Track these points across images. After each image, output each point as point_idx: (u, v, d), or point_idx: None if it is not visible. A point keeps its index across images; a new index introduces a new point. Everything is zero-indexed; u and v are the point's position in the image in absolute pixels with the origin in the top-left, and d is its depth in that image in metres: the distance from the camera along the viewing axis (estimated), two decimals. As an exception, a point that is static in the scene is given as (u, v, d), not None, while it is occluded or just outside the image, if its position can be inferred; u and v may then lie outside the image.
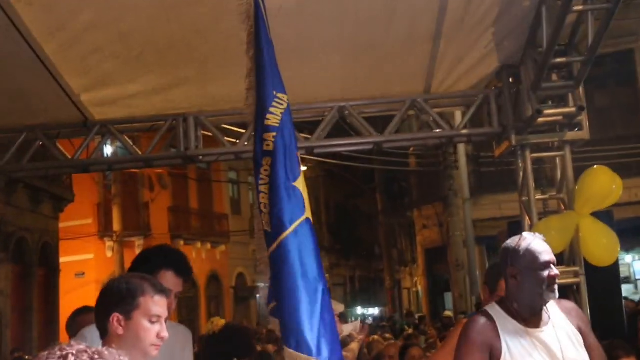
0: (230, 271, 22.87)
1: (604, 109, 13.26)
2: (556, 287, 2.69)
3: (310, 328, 2.74)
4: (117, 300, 2.24)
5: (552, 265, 2.67)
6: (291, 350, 2.73)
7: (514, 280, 2.70)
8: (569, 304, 2.91)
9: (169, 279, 2.83)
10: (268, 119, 3.03)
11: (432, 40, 4.77)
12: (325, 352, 2.74)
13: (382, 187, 23.78)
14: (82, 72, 4.92)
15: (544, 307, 2.71)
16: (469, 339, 2.66)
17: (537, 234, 2.78)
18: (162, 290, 2.32)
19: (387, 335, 9.78)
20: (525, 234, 2.83)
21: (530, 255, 2.67)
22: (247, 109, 3.21)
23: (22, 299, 12.31)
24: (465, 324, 2.73)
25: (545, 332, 2.69)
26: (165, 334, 2.27)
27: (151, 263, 2.87)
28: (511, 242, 2.78)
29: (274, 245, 2.87)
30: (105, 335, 2.26)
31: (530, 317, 2.68)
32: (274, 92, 3.07)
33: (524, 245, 2.71)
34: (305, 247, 2.87)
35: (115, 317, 2.21)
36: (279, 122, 3.04)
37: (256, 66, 3.14)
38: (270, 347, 7.82)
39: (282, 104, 3.08)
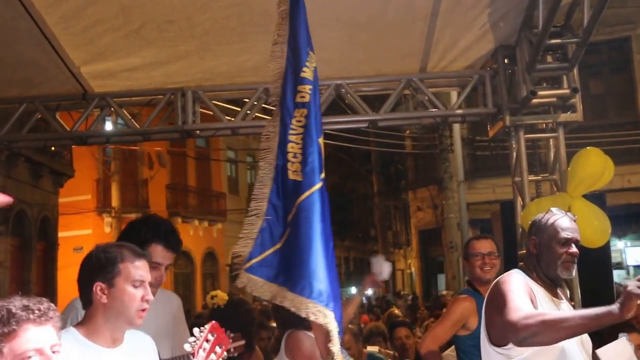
0: (227, 249, 23.04)
1: (598, 96, 13.38)
2: (573, 266, 2.69)
3: (328, 281, 2.77)
4: (97, 269, 2.25)
5: (572, 244, 2.67)
6: (303, 298, 2.73)
7: (534, 251, 2.73)
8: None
9: (159, 252, 2.88)
10: (304, 72, 3.05)
11: (429, 19, 4.81)
12: (335, 308, 2.76)
13: (378, 169, 23.90)
14: (82, 45, 4.96)
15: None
16: (517, 284, 2.56)
17: (568, 213, 2.78)
18: (141, 255, 2.32)
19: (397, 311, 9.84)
20: (554, 209, 2.82)
21: (553, 230, 2.69)
22: (273, 62, 3.16)
23: (21, 272, 12.44)
24: (504, 277, 2.66)
25: (564, 304, 2.75)
26: (150, 296, 2.27)
27: (140, 236, 2.88)
28: (540, 215, 2.81)
29: (306, 194, 2.88)
30: (89, 306, 2.27)
31: (548, 288, 2.71)
32: (307, 49, 3.10)
33: (549, 219, 2.73)
34: (325, 204, 2.93)
35: (98, 286, 2.23)
36: (312, 77, 3.07)
37: (291, 20, 3.13)
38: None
39: (312, 62, 3.11)
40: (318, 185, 2.91)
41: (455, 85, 5.79)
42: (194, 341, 2.26)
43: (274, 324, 7.50)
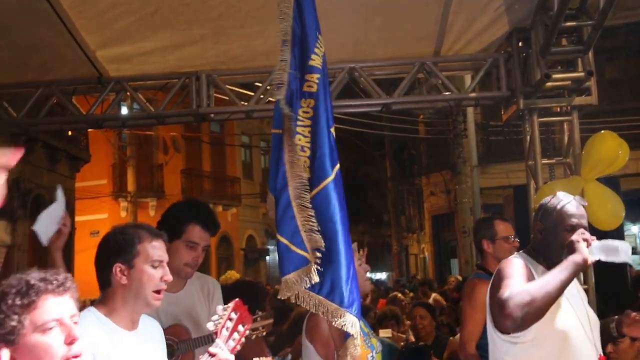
0: (241, 233, 23.24)
1: (614, 81, 13.27)
2: None
3: (346, 279, 2.68)
4: (116, 251, 2.25)
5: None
6: (321, 297, 2.66)
7: (539, 236, 2.67)
8: None
9: (196, 232, 2.96)
10: (313, 60, 2.88)
11: (443, 2, 4.79)
12: (355, 306, 2.69)
13: (392, 154, 23.89)
14: (98, 29, 4.99)
15: None
16: (513, 269, 2.52)
17: (576, 197, 2.67)
18: (158, 235, 2.33)
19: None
20: (560, 193, 2.72)
21: (558, 216, 2.60)
22: (281, 47, 2.97)
23: (39, 255, 12.60)
24: (504, 262, 2.62)
25: (570, 285, 2.63)
26: (169, 277, 2.28)
27: (180, 216, 2.98)
28: (547, 199, 2.72)
29: (315, 190, 2.76)
30: (108, 287, 2.27)
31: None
32: (317, 33, 2.94)
33: (555, 204, 2.64)
34: (341, 196, 2.80)
35: (118, 267, 2.24)
36: (320, 64, 2.90)
37: (297, 3, 2.96)
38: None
39: (321, 47, 2.94)
40: (329, 179, 2.78)
41: (469, 68, 5.77)
42: (217, 320, 2.25)
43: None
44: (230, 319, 2.27)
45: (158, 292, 2.26)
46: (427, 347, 5.27)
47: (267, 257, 25.64)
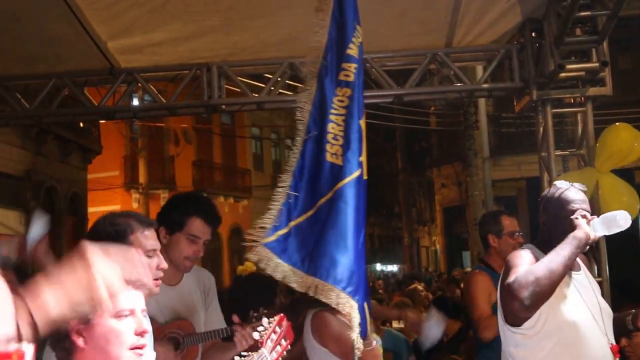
0: (253, 225, 23.27)
1: (627, 71, 13.11)
2: None
3: (356, 273, 2.70)
4: (107, 243, 2.12)
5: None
6: (332, 286, 2.67)
7: (544, 227, 2.68)
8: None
9: (198, 226, 2.90)
10: (350, 49, 2.87)
11: (456, -8, 4.76)
12: (360, 300, 2.70)
13: (403, 146, 23.82)
14: (108, 20, 4.99)
15: None
16: (521, 259, 2.53)
17: (575, 184, 2.69)
18: (149, 223, 2.26)
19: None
20: (559, 182, 2.74)
21: (559, 204, 2.61)
22: (314, 31, 2.94)
23: (53, 247, 12.66)
24: (512, 254, 2.65)
25: (581, 276, 2.68)
26: (164, 264, 2.24)
27: (182, 209, 2.93)
28: (547, 190, 2.77)
29: (346, 180, 2.76)
30: None
31: None
32: (355, 24, 2.93)
33: (554, 192, 2.67)
34: (362, 191, 2.81)
35: None
36: (357, 54, 2.90)
37: None
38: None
39: (359, 37, 2.94)
40: (357, 173, 2.78)
41: (481, 59, 5.72)
42: (263, 330, 2.30)
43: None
44: (275, 332, 2.33)
45: (156, 279, 2.23)
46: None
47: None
